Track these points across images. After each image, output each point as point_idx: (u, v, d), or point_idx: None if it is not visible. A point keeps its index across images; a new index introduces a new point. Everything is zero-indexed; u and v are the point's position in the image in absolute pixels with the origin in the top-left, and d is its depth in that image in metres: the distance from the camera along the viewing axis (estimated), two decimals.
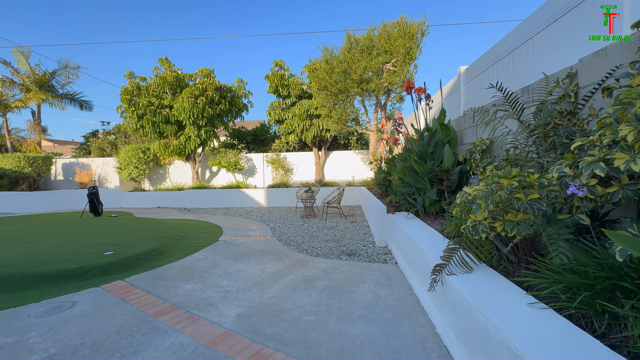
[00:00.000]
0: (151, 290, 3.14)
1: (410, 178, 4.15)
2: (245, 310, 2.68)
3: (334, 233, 5.83)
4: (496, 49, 4.14)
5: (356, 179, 11.48)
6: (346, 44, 8.00)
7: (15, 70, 12.14)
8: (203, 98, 10.11)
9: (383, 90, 8.20)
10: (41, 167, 11.38)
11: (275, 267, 3.85)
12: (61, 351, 2.10)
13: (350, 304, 2.75)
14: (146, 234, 5.23)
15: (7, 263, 3.65)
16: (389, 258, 4.13)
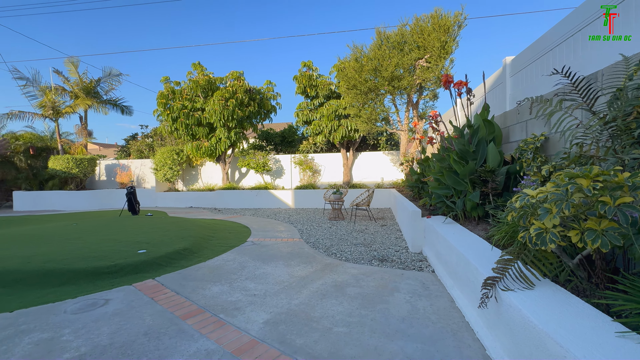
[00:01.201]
0: (180, 291, 3.12)
1: (448, 179, 3.83)
2: (272, 316, 2.55)
3: (363, 237, 5.59)
4: (549, 36, 3.71)
5: (385, 180, 11.12)
6: (376, 41, 7.74)
7: (66, 79, 13.17)
8: (233, 100, 10.30)
9: (415, 88, 7.83)
10: (87, 168, 12.21)
11: (304, 271, 3.70)
12: (91, 351, 2.08)
13: (385, 315, 2.52)
14: (177, 233, 5.32)
15: (51, 258, 3.82)
16: (425, 265, 3.83)
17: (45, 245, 4.57)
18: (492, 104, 5.03)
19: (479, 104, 5.46)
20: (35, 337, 2.26)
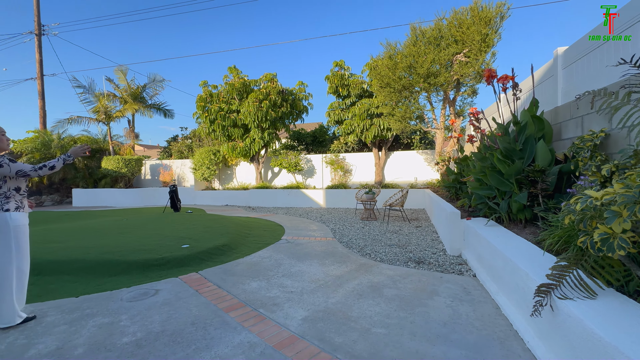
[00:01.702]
0: (221, 285, 3.27)
1: (492, 179, 3.63)
2: (310, 314, 2.59)
3: (398, 237, 5.48)
4: None
5: (419, 180, 10.79)
6: (411, 38, 7.54)
7: (116, 86, 14.33)
8: (267, 102, 10.57)
9: (452, 84, 7.52)
10: (134, 168, 13.20)
11: (339, 271, 3.71)
12: (146, 336, 2.25)
13: (425, 319, 2.45)
14: (216, 230, 5.58)
15: (107, 250, 4.19)
16: (465, 269, 3.66)
17: (102, 238, 5.01)
18: (540, 99, 4.68)
19: (525, 99, 5.12)
20: (98, 321, 2.49)
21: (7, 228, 2.32)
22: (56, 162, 2.48)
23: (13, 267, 2.36)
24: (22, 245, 2.41)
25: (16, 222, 2.36)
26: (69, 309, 2.74)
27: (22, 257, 2.42)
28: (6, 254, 2.33)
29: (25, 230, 2.46)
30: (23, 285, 2.46)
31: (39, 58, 14.88)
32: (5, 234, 2.32)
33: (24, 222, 2.45)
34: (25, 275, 2.47)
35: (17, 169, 2.36)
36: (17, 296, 2.42)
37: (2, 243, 2.33)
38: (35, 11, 14.87)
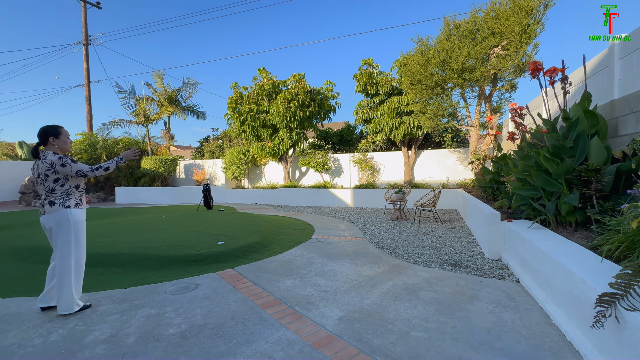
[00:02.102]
0: (256, 282, 3.35)
1: (537, 179, 3.40)
2: (346, 314, 2.57)
3: (430, 239, 5.31)
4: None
5: (451, 180, 10.40)
6: (444, 32, 7.27)
7: (154, 90, 15.17)
8: (295, 102, 10.69)
9: (489, 79, 7.15)
10: (170, 168, 13.90)
11: (371, 271, 3.66)
12: (190, 328, 2.36)
13: (466, 324, 2.35)
14: (248, 228, 5.73)
15: (149, 245, 4.44)
16: (506, 274, 3.47)
17: (144, 233, 5.32)
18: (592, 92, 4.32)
19: (575, 92, 4.75)
20: (146, 312, 2.64)
21: (68, 223, 2.53)
22: (110, 164, 2.66)
23: (72, 259, 2.57)
24: (80, 240, 2.62)
25: (76, 217, 2.57)
26: (119, 299, 2.93)
27: (80, 251, 2.63)
28: (67, 247, 2.54)
29: (83, 226, 2.67)
30: (80, 276, 2.67)
31: (86, 66, 16.10)
32: (66, 229, 2.53)
33: (82, 217, 2.66)
34: (81, 267, 2.67)
35: (77, 169, 2.56)
36: (75, 286, 2.62)
37: (63, 237, 2.54)
38: (83, 23, 16.10)
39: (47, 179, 2.55)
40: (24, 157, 16.49)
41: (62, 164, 2.52)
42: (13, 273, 3.75)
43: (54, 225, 2.53)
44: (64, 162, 2.52)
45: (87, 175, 2.60)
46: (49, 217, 2.54)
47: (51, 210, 2.53)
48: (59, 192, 2.56)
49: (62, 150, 2.67)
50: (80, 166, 2.57)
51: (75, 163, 2.58)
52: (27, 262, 4.15)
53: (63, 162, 2.53)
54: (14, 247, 4.76)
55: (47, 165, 2.52)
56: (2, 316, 2.62)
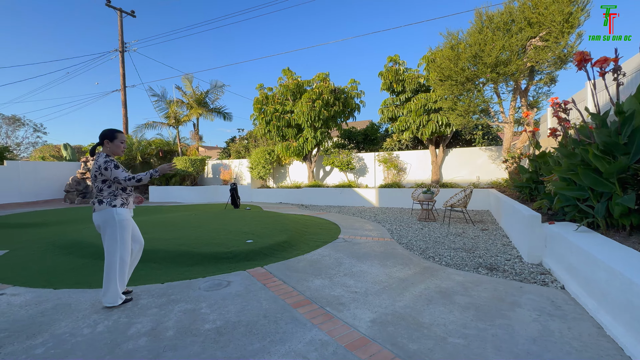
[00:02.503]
0: (286, 280, 3.37)
1: (585, 179, 3.16)
2: (378, 316, 2.52)
3: (462, 241, 5.10)
4: None
5: (482, 179, 9.96)
6: (476, 25, 6.96)
7: (184, 93, 15.78)
8: (319, 101, 10.69)
9: (525, 73, 6.75)
10: (199, 167, 14.41)
11: (402, 273, 3.57)
12: (225, 325, 2.41)
13: (509, 333, 2.22)
14: (275, 227, 5.80)
15: (183, 242, 4.61)
16: (549, 280, 3.25)
17: (177, 231, 5.54)
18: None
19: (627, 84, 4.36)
20: (183, 307, 2.74)
21: (114, 222, 2.67)
22: (144, 176, 2.72)
23: (117, 256, 2.71)
24: (124, 238, 2.75)
25: (121, 216, 2.71)
26: (157, 293, 3.06)
27: (124, 248, 2.76)
28: (112, 245, 2.69)
29: (128, 225, 2.78)
30: (124, 272, 2.81)
31: (122, 72, 17.05)
32: (112, 227, 2.67)
33: (128, 216, 2.79)
34: (125, 264, 2.80)
35: (115, 176, 2.68)
36: (120, 281, 2.77)
37: (109, 235, 2.69)
38: (119, 31, 17.07)
39: (96, 179, 2.71)
40: (68, 158, 17.76)
41: (105, 167, 2.66)
42: (62, 266, 4.03)
43: (101, 223, 2.69)
44: (107, 166, 2.66)
45: (120, 183, 2.70)
46: (97, 215, 2.70)
47: (99, 209, 2.69)
48: (106, 192, 2.71)
49: (113, 153, 2.81)
50: (118, 173, 2.68)
51: (117, 169, 2.69)
52: (73, 256, 4.45)
53: (106, 165, 2.67)
54: (62, 242, 5.12)
55: (96, 167, 2.69)
56: (55, 306, 2.82)
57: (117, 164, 2.73)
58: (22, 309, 2.78)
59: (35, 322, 2.51)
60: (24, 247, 5.22)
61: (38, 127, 27.39)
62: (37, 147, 26.22)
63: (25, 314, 2.67)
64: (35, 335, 2.30)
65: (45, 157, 20.49)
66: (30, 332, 2.35)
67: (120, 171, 2.70)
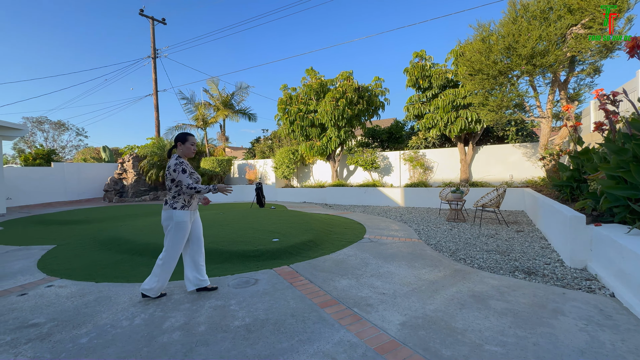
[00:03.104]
0: (313, 280, 3.36)
1: (638, 176, 2.88)
2: (408, 319, 2.44)
3: (495, 243, 4.85)
4: None
5: (515, 178, 9.43)
6: (509, 15, 6.60)
7: (211, 95, 16.31)
8: (343, 100, 10.62)
9: (565, 63, 6.30)
10: (225, 167, 14.84)
11: (431, 275, 3.45)
12: (253, 322, 2.44)
13: (552, 342, 2.07)
14: (300, 226, 5.82)
15: (212, 240, 4.75)
16: (596, 286, 3.00)
17: (207, 229, 5.69)
18: None
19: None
20: (213, 303, 2.81)
21: (171, 222, 2.81)
22: (203, 189, 2.79)
23: (166, 254, 2.84)
24: (176, 239, 2.82)
25: (179, 218, 2.80)
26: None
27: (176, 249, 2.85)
28: (166, 242, 2.85)
29: (184, 227, 2.83)
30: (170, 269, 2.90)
31: (154, 77, 17.93)
32: (169, 227, 2.82)
33: (185, 219, 2.85)
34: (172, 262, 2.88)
35: (179, 179, 2.79)
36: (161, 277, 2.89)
37: (166, 233, 2.85)
38: (152, 38, 17.95)
39: (167, 178, 2.88)
40: (106, 160, 18.97)
41: (174, 169, 2.80)
42: (102, 261, 4.29)
43: (163, 221, 2.86)
44: (175, 168, 2.79)
45: (181, 188, 2.80)
46: (163, 213, 2.87)
47: (164, 208, 2.86)
48: (172, 193, 2.85)
49: (183, 155, 2.96)
50: (183, 177, 2.78)
51: (183, 173, 2.79)
52: (112, 251, 4.72)
53: (175, 167, 2.80)
54: (101, 239, 5.46)
55: (167, 167, 2.85)
56: (97, 299, 2.99)
57: (185, 169, 2.82)
58: (69, 300, 2.98)
59: (80, 313, 2.68)
60: (69, 242, 5.62)
61: (80, 131, 29.55)
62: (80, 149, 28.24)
63: (71, 305, 2.86)
64: (80, 326, 2.46)
65: (87, 158, 22.02)
66: (76, 322, 2.51)
67: (186, 176, 2.78)
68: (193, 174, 2.93)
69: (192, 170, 2.94)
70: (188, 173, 2.84)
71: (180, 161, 2.85)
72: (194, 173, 2.94)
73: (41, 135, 27.67)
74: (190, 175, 2.87)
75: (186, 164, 2.87)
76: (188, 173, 2.84)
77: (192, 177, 2.90)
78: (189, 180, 2.80)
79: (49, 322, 2.54)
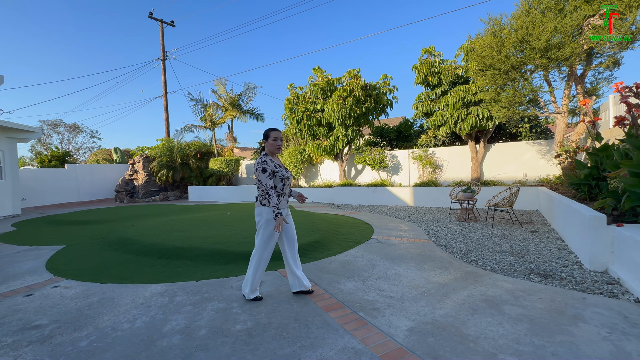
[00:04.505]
0: (318, 282, 3.27)
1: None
2: (416, 325, 2.33)
3: (509, 244, 4.67)
4: None
5: (529, 176, 9.13)
6: (522, 7, 6.36)
7: (219, 96, 16.40)
8: (350, 99, 10.49)
9: (582, 56, 6.03)
10: (234, 168, 14.89)
11: (441, 278, 3.32)
12: (255, 326, 2.37)
13: (572, 352, 1.92)
14: (307, 226, 5.74)
15: (217, 241, 4.71)
16: (619, 290, 2.82)
17: (213, 229, 5.69)
18: None
19: None
20: (215, 306, 2.75)
21: (262, 220, 2.74)
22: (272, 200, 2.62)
23: (258, 252, 2.78)
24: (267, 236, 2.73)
25: (268, 215, 2.70)
26: (192, 291, 3.12)
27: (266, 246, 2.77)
28: (257, 241, 2.79)
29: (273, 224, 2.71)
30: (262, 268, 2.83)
31: (164, 79, 18.15)
32: (259, 224, 2.76)
33: None
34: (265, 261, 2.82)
35: (260, 179, 2.69)
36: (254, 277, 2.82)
37: (258, 231, 2.80)
38: (161, 41, 18.17)
39: (255, 175, 2.81)
40: (118, 161, 19.30)
41: (256, 168, 2.73)
42: (109, 262, 4.30)
43: (256, 217, 2.80)
44: (257, 167, 2.71)
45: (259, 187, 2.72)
46: (255, 211, 2.82)
47: (255, 206, 2.83)
48: (260, 190, 2.76)
49: (270, 152, 2.84)
50: (262, 177, 2.66)
51: (263, 173, 2.66)
52: (119, 252, 4.74)
53: (257, 167, 2.71)
54: (110, 239, 5.50)
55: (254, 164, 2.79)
56: (101, 300, 2.98)
57: (265, 168, 2.67)
58: (72, 301, 2.97)
59: (83, 315, 2.66)
60: (79, 242, 5.68)
61: (94, 133, 30.20)
62: (93, 151, 28.87)
63: (74, 307, 2.84)
64: (81, 328, 2.43)
65: (99, 160, 22.48)
66: (78, 325, 2.49)
67: (265, 176, 2.66)
68: (277, 172, 2.75)
69: (275, 168, 2.74)
70: (269, 172, 2.68)
71: (263, 160, 2.72)
72: (278, 171, 2.75)
73: (57, 138, 28.37)
74: (272, 174, 2.71)
75: (269, 162, 2.72)
76: (269, 172, 2.68)
77: (277, 175, 2.75)
78: (269, 181, 2.66)
79: (51, 323, 2.52)
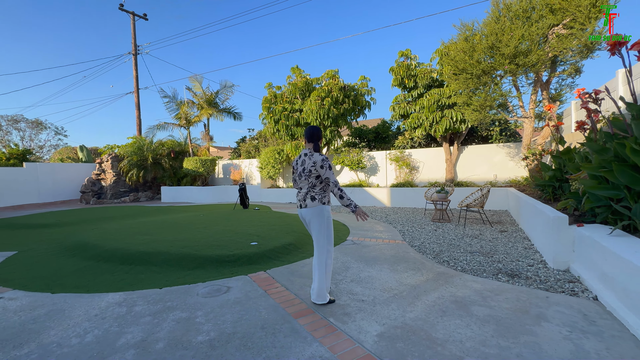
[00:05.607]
0: (289, 287, 3.17)
1: (620, 176, 2.82)
2: (386, 330, 2.29)
3: (479, 243, 4.78)
4: None
5: (499, 177, 9.49)
6: (492, 14, 6.58)
7: (194, 94, 15.87)
8: (328, 99, 10.46)
9: (547, 63, 6.32)
10: (209, 168, 14.45)
11: (413, 279, 3.32)
12: (219, 337, 2.23)
13: (536, 352, 1.95)
14: (282, 228, 5.62)
15: (186, 244, 4.49)
16: (579, 288, 2.93)
17: (182, 232, 5.44)
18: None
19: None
20: (177, 315, 2.58)
21: (323, 218, 2.66)
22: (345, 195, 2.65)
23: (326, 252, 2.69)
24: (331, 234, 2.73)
25: (329, 213, 2.71)
26: (154, 299, 2.92)
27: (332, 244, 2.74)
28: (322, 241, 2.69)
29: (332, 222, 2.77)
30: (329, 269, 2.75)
31: (135, 74, 17.33)
32: (321, 224, 2.66)
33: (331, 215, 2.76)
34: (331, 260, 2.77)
35: (327, 176, 2.65)
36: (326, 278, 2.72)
37: (319, 231, 2.68)
38: (132, 34, 17.34)
39: (311, 174, 2.68)
40: (84, 160, 18.20)
41: (321, 166, 2.65)
42: (65, 269, 3.98)
43: (312, 218, 2.68)
44: (322, 165, 2.65)
45: (328, 185, 2.68)
46: (309, 211, 2.69)
47: (312, 205, 2.68)
48: (318, 189, 2.69)
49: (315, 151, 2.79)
50: (329, 174, 2.66)
51: (330, 169, 2.68)
52: (77, 258, 4.40)
53: (322, 164, 2.65)
54: (68, 244, 5.11)
55: (312, 163, 2.67)
56: (49, 312, 2.72)
57: (331, 165, 2.70)
58: (16, 314, 2.70)
59: (25, 330, 2.41)
60: (32, 248, 5.24)
61: (59, 130, 28.31)
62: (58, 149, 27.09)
63: (17, 321, 2.57)
64: (22, 345, 2.19)
65: (64, 159, 21.11)
66: (18, 342, 2.24)
67: (332, 173, 2.69)
68: None
69: None
70: (332, 170, 2.73)
71: (325, 157, 2.70)
72: None
73: (17, 134, 26.38)
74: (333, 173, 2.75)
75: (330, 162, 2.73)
76: (332, 170, 2.73)
77: None
78: (334, 178, 2.67)
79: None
